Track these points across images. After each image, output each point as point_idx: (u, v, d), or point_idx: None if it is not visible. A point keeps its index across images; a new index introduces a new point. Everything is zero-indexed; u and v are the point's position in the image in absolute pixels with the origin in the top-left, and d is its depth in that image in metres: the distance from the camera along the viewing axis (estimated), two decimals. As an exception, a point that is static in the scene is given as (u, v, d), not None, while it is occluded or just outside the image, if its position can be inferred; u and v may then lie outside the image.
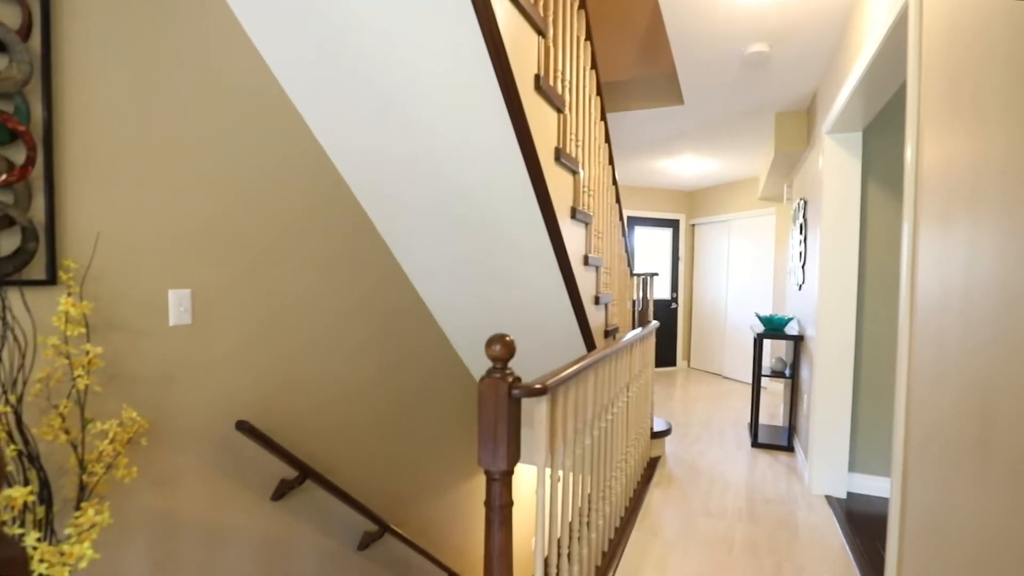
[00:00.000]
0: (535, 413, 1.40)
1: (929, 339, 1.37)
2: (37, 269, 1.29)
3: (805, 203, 3.48)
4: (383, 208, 2.24)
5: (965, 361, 1.16)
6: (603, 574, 2.06)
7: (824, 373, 2.86)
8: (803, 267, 3.48)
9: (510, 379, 1.30)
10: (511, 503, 1.34)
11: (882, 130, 2.71)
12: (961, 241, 1.21)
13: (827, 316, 2.84)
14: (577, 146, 2.20)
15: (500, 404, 1.29)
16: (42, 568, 1.10)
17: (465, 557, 3.44)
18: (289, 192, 1.96)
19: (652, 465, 3.24)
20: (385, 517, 2.58)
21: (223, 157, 1.73)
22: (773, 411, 4.75)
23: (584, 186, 2.28)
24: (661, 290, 6.74)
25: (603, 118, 2.63)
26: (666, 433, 3.42)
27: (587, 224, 2.33)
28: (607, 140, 2.68)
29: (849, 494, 2.87)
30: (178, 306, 1.61)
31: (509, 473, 1.33)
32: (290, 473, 1.99)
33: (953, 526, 1.21)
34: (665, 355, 6.74)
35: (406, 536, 2.60)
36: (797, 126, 3.57)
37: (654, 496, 2.84)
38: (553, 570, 1.56)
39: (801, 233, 3.52)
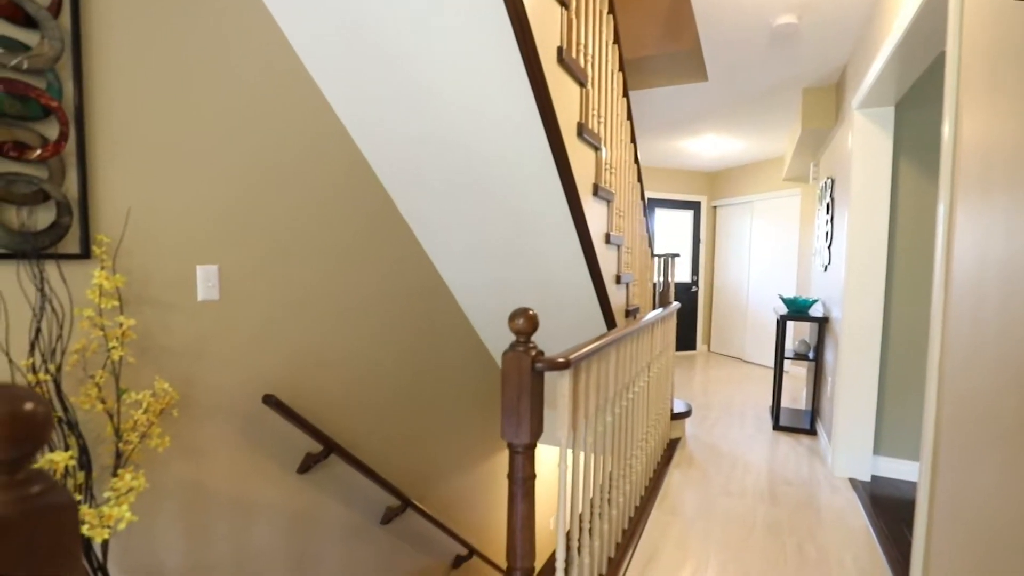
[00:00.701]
0: (558, 388, 1.41)
1: (964, 313, 1.33)
2: (72, 243, 1.32)
3: (832, 182, 3.40)
4: (405, 188, 2.25)
5: (1003, 334, 1.12)
6: (623, 552, 2.07)
7: (850, 354, 2.81)
8: (829, 247, 3.40)
9: (533, 353, 1.30)
10: (534, 476, 1.35)
11: (916, 104, 2.62)
12: (1001, 215, 1.16)
13: (854, 296, 2.78)
14: (599, 122, 2.17)
15: (523, 378, 1.29)
16: (84, 529, 1.15)
17: (485, 534, 3.49)
18: (314, 172, 1.97)
19: (672, 446, 3.23)
20: (407, 493, 2.63)
21: (249, 137, 1.74)
22: (795, 395, 4.70)
23: (606, 163, 2.25)
24: (681, 273, 6.66)
25: (625, 94, 2.58)
26: (686, 415, 3.41)
27: (609, 202, 2.30)
28: (629, 117, 2.63)
29: (873, 477, 2.83)
30: (206, 282, 1.63)
31: (532, 446, 1.34)
32: (315, 447, 2.03)
33: (987, 508, 1.18)
34: (685, 339, 6.69)
35: (428, 512, 2.64)
36: (825, 102, 3.47)
37: (674, 477, 2.84)
38: (575, 544, 1.57)
39: (828, 213, 3.43)
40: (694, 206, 6.69)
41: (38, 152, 1.25)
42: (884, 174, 2.68)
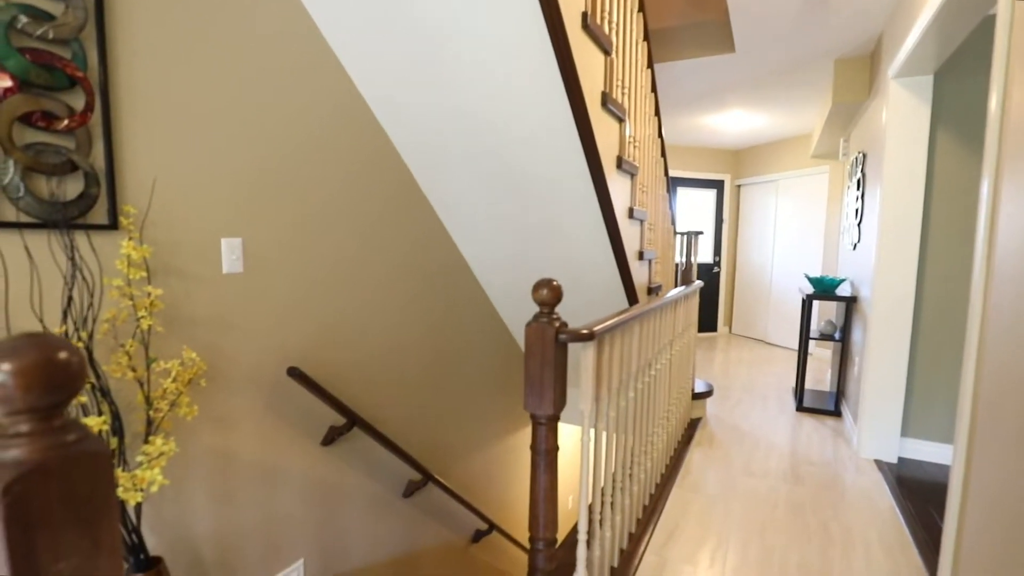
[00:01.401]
0: (581, 361, 1.39)
1: (1008, 292, 1.28)
2: (99, 214, 1.33)
3: (864, 157, 3.28)
4: (425, 163, 2.23)
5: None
6: (644, 527, 2.07)
7: (879, 334, 2.74)
8: (859, 225, 3.30)
9: (557, 324, 1.28)
10: (557, 447, 1.35)
11: (957, 72, 2.50)
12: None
13: (885, 275, 2.70)
14: (623, 93, 2.11)
15: (547, 349, 1.28)
16: (119, 492, 1.18)
17: (505, 510, 3.53)
18: (336, 148, 1.96)
19: (693, 426, 3.21)
20: (428, 467, 2.66)
21: (272, 111, 1.73)
22: (819, 376, 4.62)
23: (630, 136, 2.19)
24: (703, 254, 6.56)
25: (650, 65, 2.51)
26: (707, 395, 3.38)
27: (633, 176, 2.26)
28: (653, 90, 2.57)
29: (900, 459, 2.78)
30: (230, 254, 1.65)
31: (555, 418, 1.33)
32: (339, 420, 2.06)
33: (1026, 481, 1.14)
34: (706, 320, 6.61)
35: (449, 486, 2.67)
36: (858, 73, 3.34)
37: (695, 455, 2.82)
38: (597, 516, 1.57)
39: (859, 189, 3.33)
40: (717, 185, 6.55)
41: (65, 122, 1.26)
42: (920, 147, 2.58)
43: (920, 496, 2.35)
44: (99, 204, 1.33)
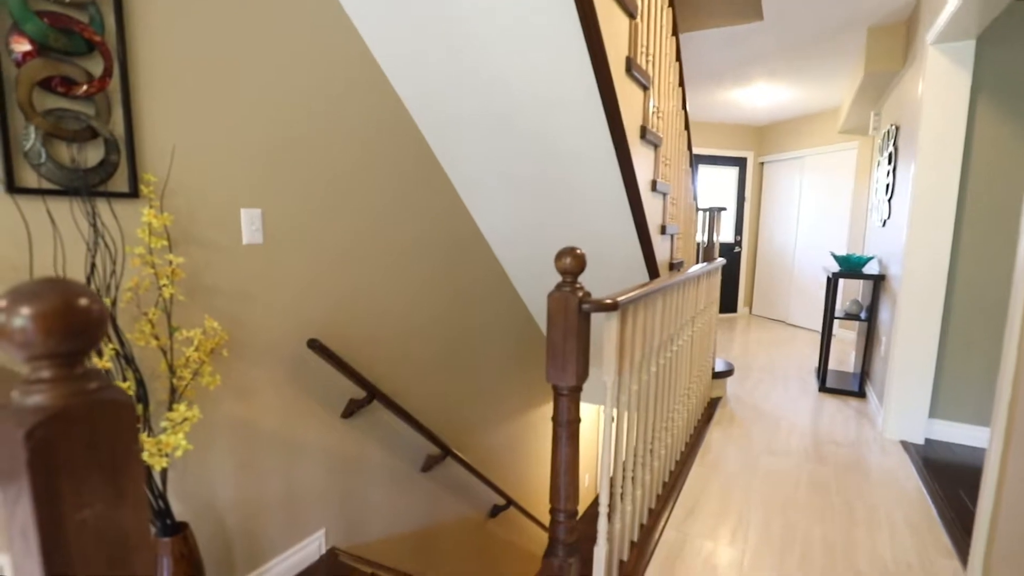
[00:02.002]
0: (604, 333, 1.36)
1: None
2: (120, 182, 1.33)
3: (897, 130, 3.16)
4: (444, 134, 2.19)
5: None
6: (664, 503, 2.06)
7: (908, 313, 2.66)
8: (890, 201, 3.19)
9: (580, 293, 1.26)
10: (578, 419, 1.33)
11: (1002, 36, 2.37)
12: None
13: (916, 252, 2.61)
14: (648, 60, 2.04)
15: (570, 318, 1.25)
16: (144, 456, 1.19)
17: (522, 487, 3.55)
18: (354, 120, 1.94)
19: (713, 405, 3.18)
20: (447, 442, 2.67)
21: (290, 81, 1.71)
22: (841, 358, 4.53)
23: (654, 105, 2.13)
24: (724, 233, 6.44)
25: (675, 33, 2.42)
26: (728, 374, 3.33)
27: (656, 147, 2.19)
28: (678, 58, 2.48)
29: (928, 440, 2.71)
30: (250, 225, 1.64)
31: (577, 389, 1.31)
32: (358, 393, 2.06)
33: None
34: (726, 301, 6.52)
35: (467, 461, 2.69)
36: (893, 41, 3.19)
37: (715, 434, 2.79)
38: (618, 490, 1.55)
39: (890, 163, 3.21)
40: (740, 162, 6.40)
41: (84, 88, 1.25)
42: (958, 117, 2.46)
43: (948, 477, 2.30)
44: (120, 172, 1.33)
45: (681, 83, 2.60)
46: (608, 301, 1.26)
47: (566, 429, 1.31)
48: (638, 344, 1.52)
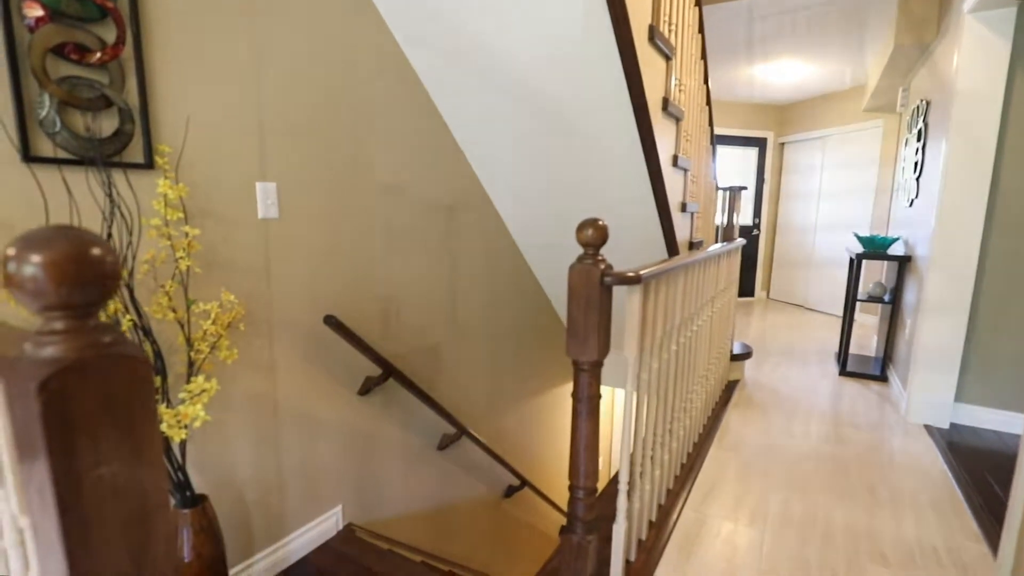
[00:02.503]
0: (626, 309, 1.33)
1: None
2: (135, 152, 1.31)
3: (927, 105, 3.04)
4: (458, 111, 2.14)
5: None
6: (682, 484, 2.03)
7: (936, 295, 2.58)
8: (918, 180, 3.09)
9: (603, 266, 1.22)
10: (599, 395, 1.30)
11: (1044, 4, 2.25)
12: None
13: (946, 232, 2.52)
14: (671, 30, 1.97)
15: (591, 292, 1.22)
16: (163, 427, 1.19)
17: (536, 468, 3.55)
18: (369, 94, 1.90)
19: (731, 388, 3.14)
20: (462, 421, 2.67)
21: (307, 54, 1.67)
22: (862, 342, 4.45)
23: (676, 77, 2.06)
24: (743, 215, 6.32)
25: (698, 3, 2.34)
26: (746, 356, 3.28)
27: (678, 121, 2.13)
28: (701, 30, 2.40)
29: (953, 425, 2.65)
30: (265, 199, 1.62)
31: (598, 364, 1.28)
32: (375, 371, 2.06)
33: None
34: (743, 284, 6.42)
35: (482, 441, 2.68)
36: (925, 11, 3.06)
37: (733, 416, 2.75)
38: (638, 468, 1.53)
39: (919, 140, 3.10)
40: (759, 143, 6.25)
41: (97, 55, 1.23)
42: (996, 91, 2.36)
43: (975, 462, 2.24)
44: (135, 142, 1.31)
45: (703, 56, 2.51)
46: (631, 274, 1.23)
47: (586, 405, 1.29)
48: (660, 321, 1.49)
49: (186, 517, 1.37)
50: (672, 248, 2.30)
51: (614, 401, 5.15)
